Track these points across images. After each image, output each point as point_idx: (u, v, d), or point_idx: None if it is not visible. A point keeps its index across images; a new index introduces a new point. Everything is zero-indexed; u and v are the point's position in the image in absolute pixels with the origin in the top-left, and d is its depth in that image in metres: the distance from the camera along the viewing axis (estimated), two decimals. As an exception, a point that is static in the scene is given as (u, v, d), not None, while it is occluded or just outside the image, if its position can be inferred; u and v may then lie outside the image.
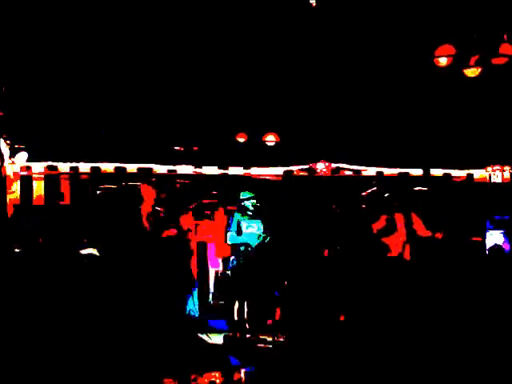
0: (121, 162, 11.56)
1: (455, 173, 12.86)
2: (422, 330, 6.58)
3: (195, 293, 8.68)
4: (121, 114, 11.61)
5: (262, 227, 8.33)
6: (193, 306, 8.68)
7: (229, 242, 8.27)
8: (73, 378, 5.61)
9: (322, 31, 11.22)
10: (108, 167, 11.50)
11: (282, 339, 7.55)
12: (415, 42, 10.84)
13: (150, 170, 11.64)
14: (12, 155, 10.59)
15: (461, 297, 6.73)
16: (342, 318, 7.47)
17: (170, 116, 11.96)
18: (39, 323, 5.99)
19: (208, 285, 9.48)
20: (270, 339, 7.67)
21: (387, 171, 12.63)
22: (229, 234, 8.28)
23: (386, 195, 8.83)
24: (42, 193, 11.20)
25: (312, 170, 12.30)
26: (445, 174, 12.81)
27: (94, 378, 5.66)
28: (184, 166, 11.93)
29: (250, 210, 8.33)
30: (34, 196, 11.18)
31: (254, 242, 8.16)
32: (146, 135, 11.73)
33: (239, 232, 8.21)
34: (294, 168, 12.39)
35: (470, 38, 9.18)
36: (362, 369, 5.93)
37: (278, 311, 8.03)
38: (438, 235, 8.06)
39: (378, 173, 12.56)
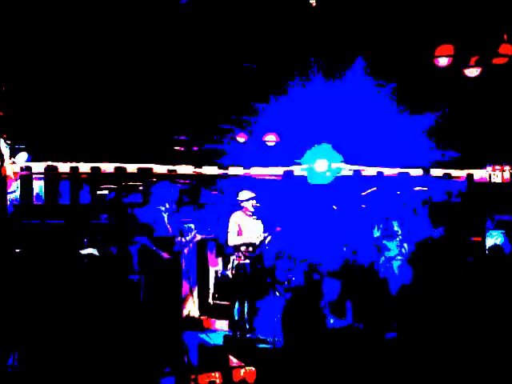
0: (121, 162, 11.55)
1: (455, 173, 12.85)
2: (421, 330, 6.58)
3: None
4: (121, 114, 11.59)
5: (262, 227, 8.33)
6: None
7: (229, 243, 8.26)
8: (73, 378, 5.61)
9: (321, 31, 11.21)
10: (108, 167, 11.50)
11: (282, 339, 7.55)
12: (415, 42, 10.82)
13: (150, 169, 11.64)
14: (12, 155, 10.59)
15: (461, 297, 6.73)
16: None
17: (170, 116, 11.95)
18: (39, 323, 5.99)
19: (208, 285, 9.48)
20: (270, 339, 7.67)
21: (387, 171, 12.62)
22: (229, 234, 8.27)
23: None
24: (42, 193, 11.20)
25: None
26: (445, 174, 12.80)
27: (93, 377, 5.66)
28: (184, 166, 11.93)
29: (250, 210, 8.33)
30: (34, 196, 11.18)
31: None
32: (146, 135, 11.72)
33: (239, 233, 8.20)
34: (294, 168, 12.39)
35: (470, 38, 9.18)
36: (361, 369, 5.93)
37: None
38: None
39: (378, 173, 12.55)
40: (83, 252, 7.27)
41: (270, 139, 12.71)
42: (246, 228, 8.25)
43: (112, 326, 6.21)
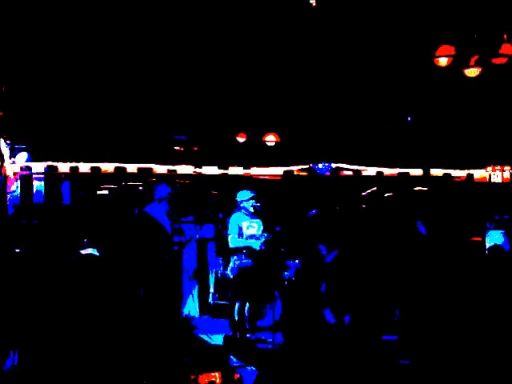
0: (121, 162, 11.56)
1: (455, 173, 12.87)
2: (421, 331, 6.58)
3: (195, 292, 8.69)
4: (121, 114, 11.60)
5: (262, 228, 8.31)
6: (192, 305, 8.70)
7: (231, 245, 8.23)
8: (71, 378, 5.61)
9: (322, 31, 11.22)
10: (108, 167, 11.51)
11: (282, 339, 7.55)
12: (415, 42, 10.84)
13: (150, 169, 11.65)
14: (12, 155, 10.60)
15: (461, 297, 6.73)
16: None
17: (170, 116, 11.96)
18: (38, 323, 5.99)
19: (208, 285, 9.48)
20: (270, 339, 7.67)
21: (387, 171, 12.64)
22: (229, 236, 8.24)
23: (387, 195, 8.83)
24: (42, 193, 11.20)
25: (312, 170, 12.30)
26: (445, 174, 12.81)
27: (92, 377, 5.66)
28: (184, 166, 11.93)
29: (250, 211, 8.31)
30: (34, 196, 11.19)
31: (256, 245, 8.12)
32: (146, 135, 11.73)
33: (240, 234, 8.18)
34: (294, 168, 12.40)
35: (470, 38, 9.19)
36: (360, 369, 5.93)
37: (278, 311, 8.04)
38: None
39: (378, 173, 12.56)
40: (83, 252, 7.26)
41: (270, 139, 12.72)
42: (246, 229, 8.23)
43: (111, 327, 6.21)
